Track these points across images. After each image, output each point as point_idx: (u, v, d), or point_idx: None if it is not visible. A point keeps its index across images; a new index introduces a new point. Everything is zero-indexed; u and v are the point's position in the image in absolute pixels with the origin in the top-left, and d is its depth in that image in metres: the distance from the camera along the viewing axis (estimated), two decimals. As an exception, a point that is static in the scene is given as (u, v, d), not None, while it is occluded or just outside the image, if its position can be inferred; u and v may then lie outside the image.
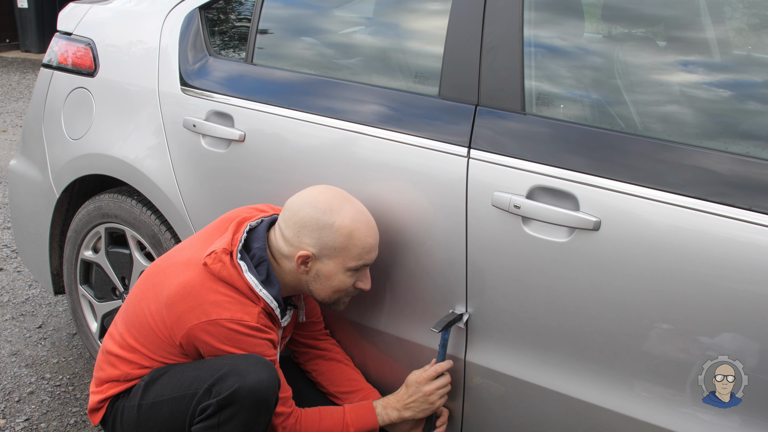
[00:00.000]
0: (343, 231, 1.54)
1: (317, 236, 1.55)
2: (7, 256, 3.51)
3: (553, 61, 1.62)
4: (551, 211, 1.45)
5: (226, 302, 1.53)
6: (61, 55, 2.30)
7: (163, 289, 1.58)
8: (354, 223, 1.55)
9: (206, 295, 1.53)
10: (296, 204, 1.58)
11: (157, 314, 1.57)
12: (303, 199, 1.58)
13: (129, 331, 1.64)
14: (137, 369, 1.63)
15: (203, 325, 1.51)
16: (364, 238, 1.56)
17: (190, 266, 1.58)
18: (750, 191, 1.31)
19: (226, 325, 1.51)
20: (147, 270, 1.71)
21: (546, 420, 1.57)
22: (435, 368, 1.64)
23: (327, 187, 1.62)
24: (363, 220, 1.57)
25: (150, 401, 1.59)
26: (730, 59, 1.78)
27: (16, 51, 9.77)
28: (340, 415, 1.67)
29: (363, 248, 1.56)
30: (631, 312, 1.41)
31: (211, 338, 1.52)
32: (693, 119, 1.49)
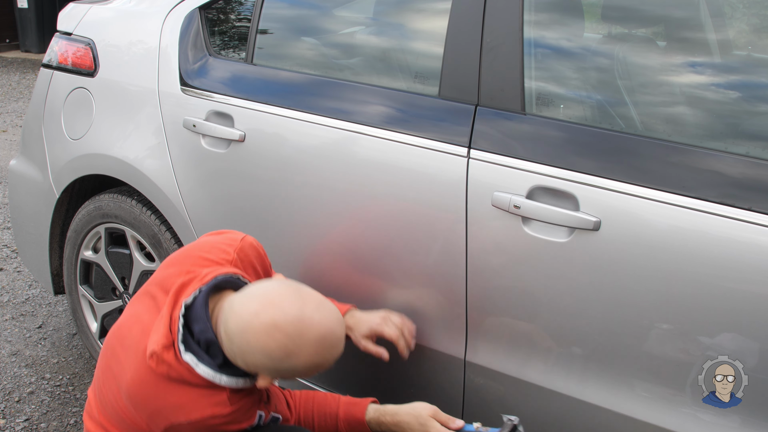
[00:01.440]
0: (307, 364, 1.33)
1: (277, 373, 1.36)
2: (7, 256, 3.51)
3: (553, 61, 1.62)
4: (551, 211, 1.45)
5: (190, 402, 1.38)
6: (61, 55, 2.30)
7: (122, 379, 1.42)
8: (316, 357, 1.32)
9: (166, 398, 1.38)
10: (242, 343, 1.32)
11: (126, 409, 1.43)
12: (249, 341, 1.30)
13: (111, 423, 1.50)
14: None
15: (177, 427, 1.38)
16: (331, 359, 1.36)
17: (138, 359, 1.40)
18: (750, 191, 1.31)
19: (200, 421, 1.38)
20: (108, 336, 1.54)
21: (546, 420, 1.57)
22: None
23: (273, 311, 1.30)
24: (327, 345, 1.33)
25: None
26: (730, 59, 1.78)
27: (16, 51, 9.78)
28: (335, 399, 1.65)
29: (329, 363, 1.37)
30: (631, 312, 1.41)
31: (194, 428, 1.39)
32: (693, 119, 1.49)
